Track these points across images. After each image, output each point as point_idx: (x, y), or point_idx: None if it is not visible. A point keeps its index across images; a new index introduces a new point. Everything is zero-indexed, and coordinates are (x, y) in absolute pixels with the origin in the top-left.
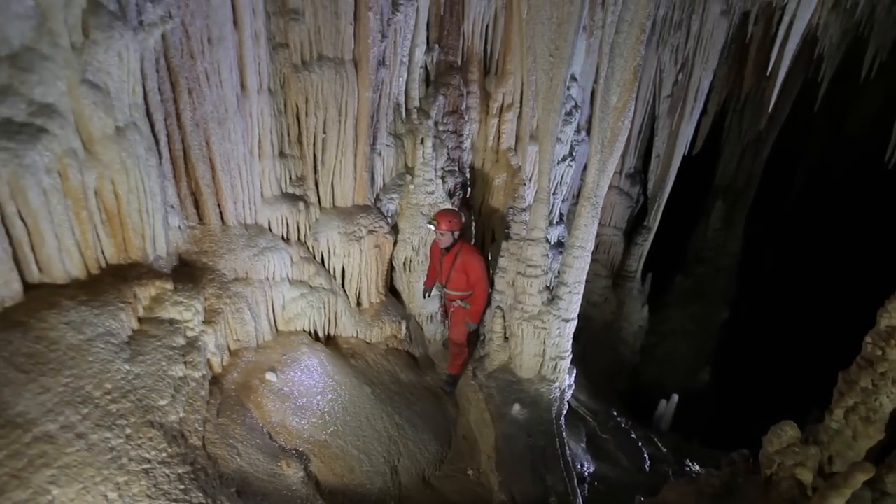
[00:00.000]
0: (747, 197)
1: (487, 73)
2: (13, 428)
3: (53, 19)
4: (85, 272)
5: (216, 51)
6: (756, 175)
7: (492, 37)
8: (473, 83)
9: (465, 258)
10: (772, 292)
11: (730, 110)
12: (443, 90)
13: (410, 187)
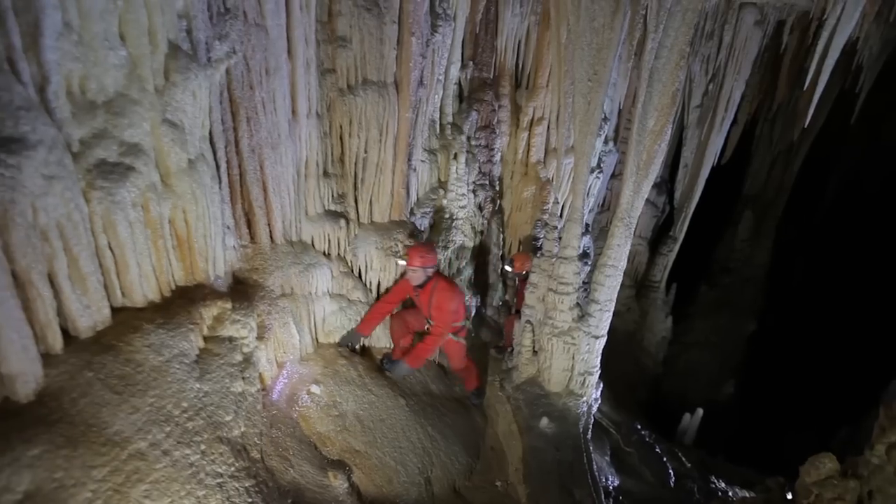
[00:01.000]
0: (777, 207)
1: (518, 86)
2: (112, 446)
3: (142, 66)
4: (159, 295)
5: (273, 80)
6: (787, 185)
7: (524, 51)
8: (504, 97)
9: (438, 296)
10: (800, 305)
11: (761, 119)
12: (476, 106)
13: (444, 202)
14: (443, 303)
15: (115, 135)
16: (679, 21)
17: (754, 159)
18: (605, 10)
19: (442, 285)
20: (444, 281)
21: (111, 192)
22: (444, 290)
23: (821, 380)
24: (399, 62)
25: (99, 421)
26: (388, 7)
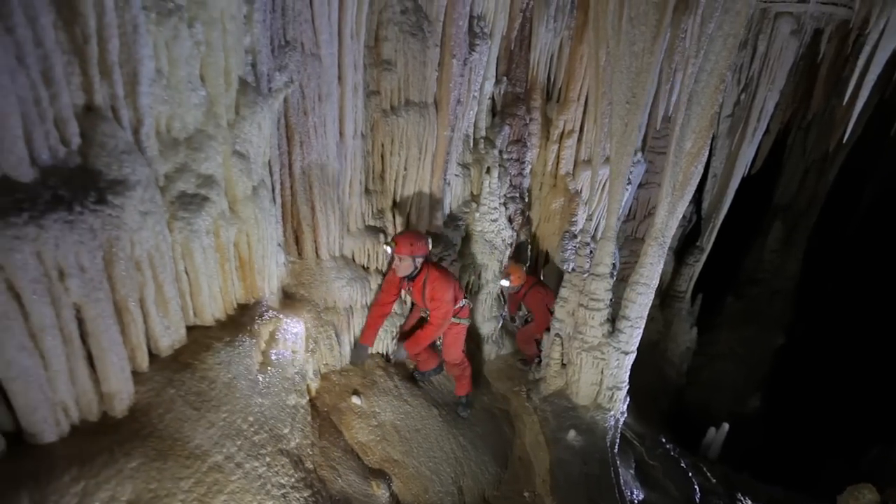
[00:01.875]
0: (809, 217)
1: (549, 99)
2: (194, 459)
3: (218, 104)
4: (224, 314)
5: (324, 106)
6: (820, 195)
7: (555, 65)
8: (535, 110)
9: (432, 287)
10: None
11: (793, 128)
12: (508, 120)
13: (476, 215)
14: (438, 293)
15: (193, 168)
16: (720, 46)
17: (786, 169)
18: (646, 36)
19: (434, 275)
20: (436, 270)
21: (190, 222)
22: (437, 280)
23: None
24: (439, 83)
25: (182, 435)
26: (432, 31)
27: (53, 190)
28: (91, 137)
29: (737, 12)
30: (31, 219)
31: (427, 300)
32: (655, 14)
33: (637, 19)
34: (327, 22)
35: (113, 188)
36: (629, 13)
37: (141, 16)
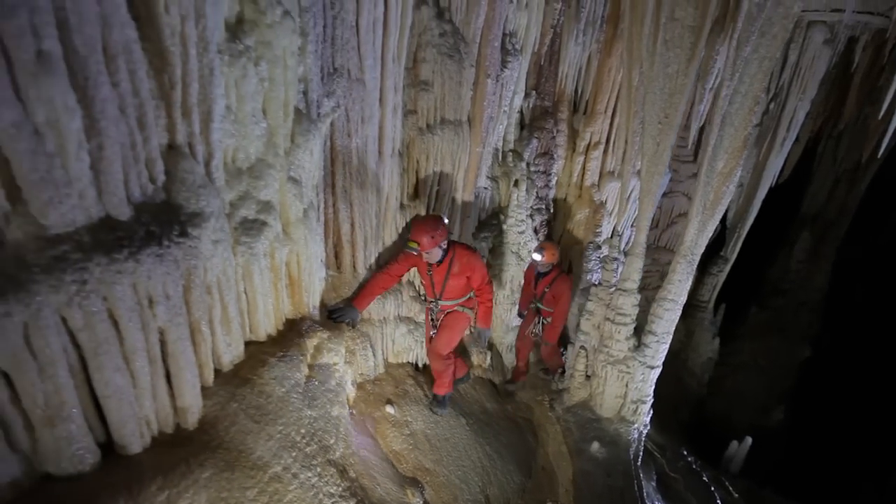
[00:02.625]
0: (839, 228)
1: (576, 111)
2: (257, 470)
3: (277, 134)
4: (275, 330)
5: (367, 127)
6: (851, 206)
7: (583, 78)
8: (562, 121)
9: (462, 261)
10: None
11: (824, 138)
12: (536, 133)
13: (503, 227)
14: (472, 263)
15: (254, 195)
16: (756, 68)
17: (815, 178)
18: (681, 58)
19: (461, 251)
20: (461, 248)
21: (251, 246)
22: (465, 255)
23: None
24: (474, 101)
25: (246, 447)
26: (468, 52)
27: (146, 226)
28: (173, 174)
29: (773, 36)
30: (129, 254)
31: (454, 276)
32: (691, 37)
33: (672, 42)
34: (372, 48)
35: (192, 220)
36: (664, 36)
37: (216, 59)
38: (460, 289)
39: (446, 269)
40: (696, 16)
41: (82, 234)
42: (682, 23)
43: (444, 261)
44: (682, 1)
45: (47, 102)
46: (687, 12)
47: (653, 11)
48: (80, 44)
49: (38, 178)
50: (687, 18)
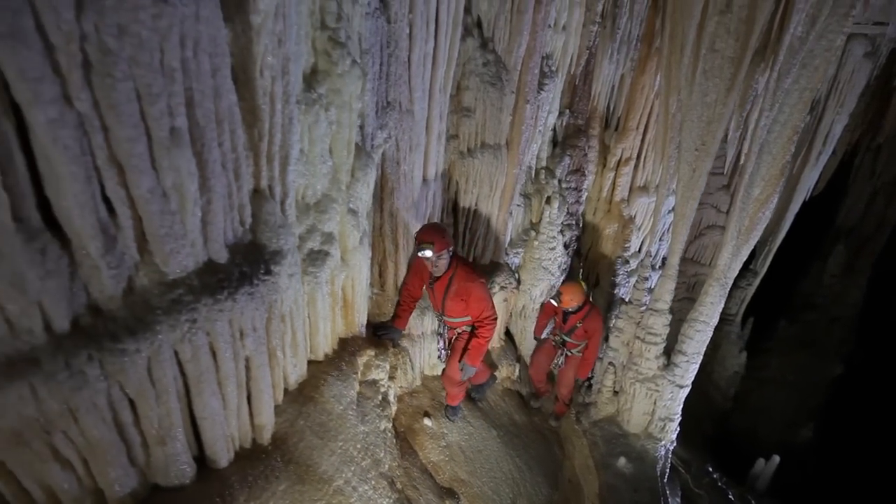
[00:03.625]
0: (876, 242)
1: (607, 127)
2: (322, 483)
3: (340, 171)
4: (331, 349)
5: (413, 154)
6: (889, 219)
7: (616, 95)
8: (593, 137)
9: (460, 284)
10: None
11: (862, 150)
12: (569, 151)
13: (535, 243)
14: (475, 292)
15: (319, 228)
16: (796, 99)
17: (851, 191)
18: (720, 88)
19: (461, 273)
20: (463, 270)
21: (316, 276)
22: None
23: None
24: (512, 125)
25: (312, 462)
26: (509, 80)
27: (240, 267)
28: (258, 216)
29: (815, 68)
30: (228, 295)
31: (454, 298)
32: (730, 68)
33: (711, 72)
34: (421, 81)
35: (274, 259)
36: (703, 66)
37: (295, 109)
38: (461, 310)
39: (445, 286)
40: (737, 47)
41: (192, 278)
42: (722, 54)
43: (444, 277)
44: (723, 33)
45: (175, 170)
46: (727, 44)
47: (693, 42)
48: (201, 116)
49: (163, 233)
50: (727, 50)
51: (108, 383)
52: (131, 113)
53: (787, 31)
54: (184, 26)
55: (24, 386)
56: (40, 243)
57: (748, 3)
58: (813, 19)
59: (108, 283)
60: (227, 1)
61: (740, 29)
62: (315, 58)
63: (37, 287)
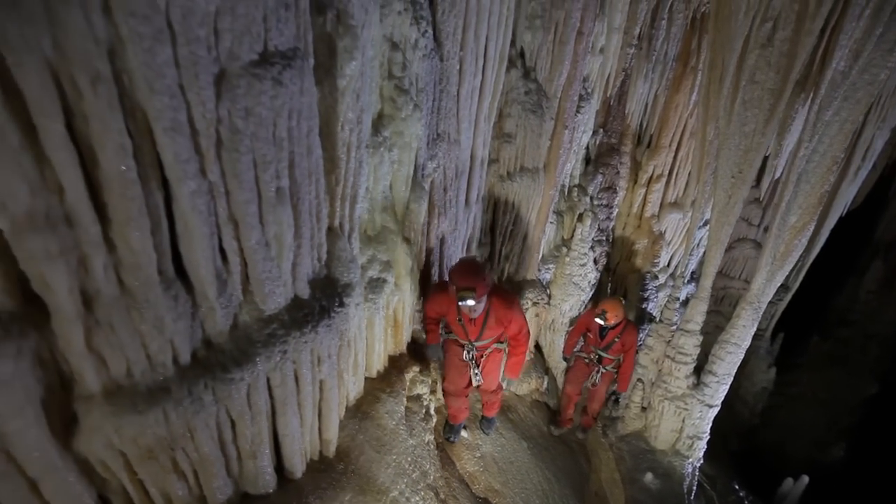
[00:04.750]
0: None
1: (639, 144)
2: (380, 494)
3: (398, 204)
4: (383, 367)
5: (459, 181)
6: None
7: (649, 112)
8: (625, 154)
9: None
10: None
11: None
12: (602, 169)
13: (566, 259)
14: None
15: (378, 258)
16: (836, 130)
17: (891, 205)
18: (759, 118)
19: (497, 302)
20: (497, 296)
21: (375, 301)
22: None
23: None
24: (550, 150)
25: (371, 474)
26: (549, 107)
27: (319, 301)
28: (332, 252)
29: (857, 100)
30: (312, 328)
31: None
32: (770, 99)
33: (751, 103)
34: (468, 112)
35: (345, 291)
36: (743, 97)
37: (365, 153)
38: (498, 334)
39: (482, 322)
40: (777, 80)
41: (283, 314)
42: (762, 85)
43: (481, 314)
44: (764, 65)
45: (278, 223)
46: (768, 76)
47: (733, 74)
48: (298, 174)
49: (264, 276)
50: (767, 82)
51: (217, 407)
52: (249, 179)
53: (830, 66)
54: (291, 102)
55: (160, 411)
56: (174, 290)
57: (790, 37)
58: (856, 54)
59: (219, 320)
60: (317, 67)
61: (781, 62)
62: (382, 104)
63: (171, 327)
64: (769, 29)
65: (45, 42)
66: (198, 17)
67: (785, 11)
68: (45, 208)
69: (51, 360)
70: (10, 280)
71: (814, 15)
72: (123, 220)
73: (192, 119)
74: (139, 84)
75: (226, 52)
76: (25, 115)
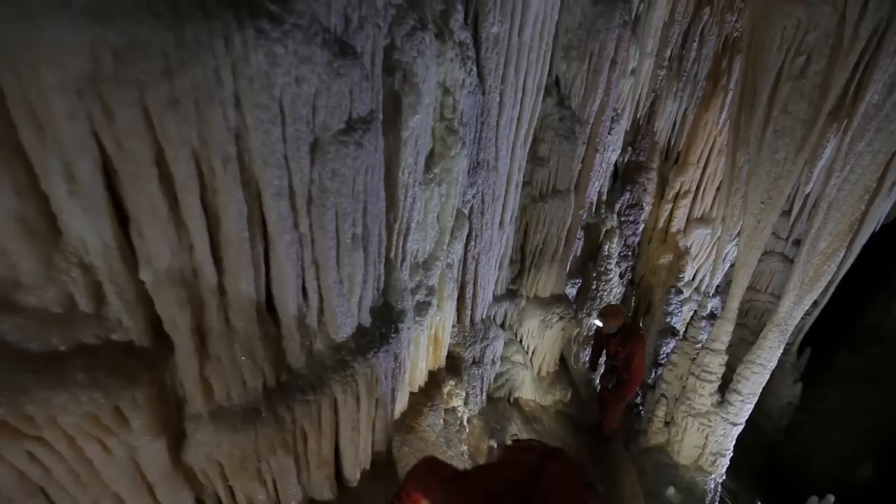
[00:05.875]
0: None
1: (666, 160)
2: None
3: (445, 233)
4: (423, 382)
5: (495, 204)
6: None
7: (677, 129)
8: (652, 170)
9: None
10: None
11: None
12: (629, 186)
13: (592, 275)
14: None
15: (425, 283)
16: (869, 160)
17: None
18: (790, 147)
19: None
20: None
21: (421, 323)
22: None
23: None
24: (581, 172)
25: None
26: (582, 132)
27: (379, 329)
28: (388, 282)
29: (891, 132)
30: (373, 353)
31: None
32: (802, 129)
33: (782, 132)
34: (506, 141)
35: (400, 318)
36: (775, 126)
37: (418, 190)
38: None
39: None
40: (810, 110)
41: (350, 341)
42: (794, 115)
43: None
44: (796, 96)
45: (351, 265)
46: (800, 107)
47: (765, 104)
48: (370, 220)
49: (337, 311)
50: (800, 112)
51: (295, 425)
52: (332, 229)
53: (864, 99)
54: (368, 159)
55: (252, 429)
56: (267, 326)
57: (823, 70)
58: (890, 88)
59: (299, 349)
60: (384, 121)
61: (814, 94)
62: (433, 143)
63: (262, 357)
64: (802, 62)
65: (193, 136)
66: (302, 99)
67: (819, 46)
68: (179, 264)
69: (171, 385)
70: (147, 321)
71: (848, 51)
72: (235, 270)
73: (292, 183)
74: (256, 160)
75: (320, 124)
76: (172, 191)
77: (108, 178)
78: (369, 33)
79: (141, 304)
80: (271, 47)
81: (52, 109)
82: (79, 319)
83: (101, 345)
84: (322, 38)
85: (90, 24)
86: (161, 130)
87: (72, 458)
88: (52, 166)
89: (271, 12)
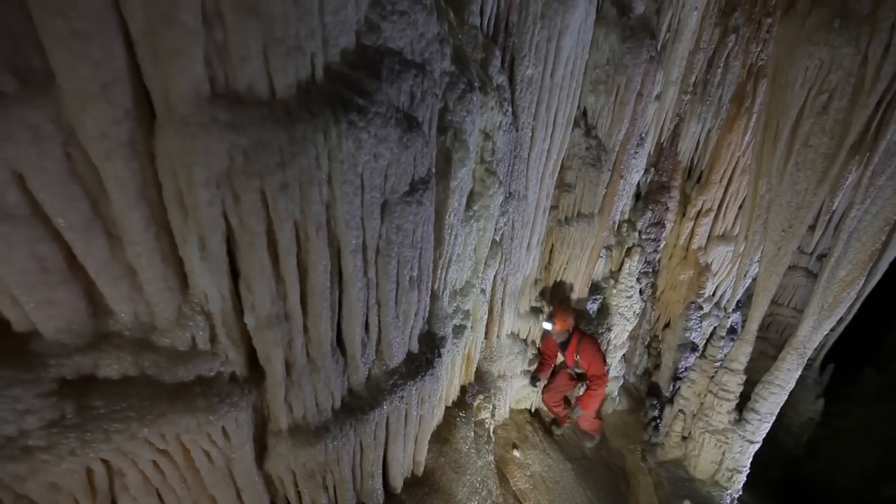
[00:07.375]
0: None
1: (688, 178)
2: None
3: (480, 263)
4: (456, 397)
5: (524, 230)
6: None
7: (700, 149)
8: (675, 188)
9: None
10: None
11: None
12: (651, 206)
13: (613, 291)
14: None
15: (461, 308)
16: (890, 193)
17: None
18: (811, 179)
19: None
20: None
21: (456, 345)
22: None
23: None
24: (605, 196)
25: (451, 492)
26: (607, 160)
27: (425, 354)
28: (432, 311)
29: None
30: (420, 377)
31: None
32: (823, 163)
33: (804, 164)
34: (536, 172)
35: (442, 343)
36: (796, 159)
37: (459, 227)
38: None
39: None
40: (831, 145)
41: (402, 367)
42: (815, 149)
43: None
44: (818, 131)
45: (408, 303)
46: (822, 141)
47: (787, 138)
48: (423, 263)
49: (393, 341)
50: (821, 146)
51: (355, 440)
52: (393, 274)
53: (885, 137)
54: (425, 213)
55: (322, 444)
56: (336, 356)
57: (846, 108)
58: None
59: (360, 375)
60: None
61: (836, 129)
62: (474, 184)
63: (333, 383)
64: (825, 100)
65: (297, 210)
66: (378, 171)
67: (841, 85)
68: (276, 311)
69: (260, 407)
70: (245, 356)
71: (870, 90)
72: (318, 313)
73: (365, 240)
74: (340, 224)
75: (390, 189)
76: (276, 253)
77: (228, 244)
78: (429, 103)
79: (243, 341)
80: (358, 134)
81: (197, 198)
82: (198, 356)
83: (213, 376)
84: (395, 119)
85: (230, 133)
86: (273, 208)
87: (184, 467)
88: (189, 238)
89: (360, 106)
